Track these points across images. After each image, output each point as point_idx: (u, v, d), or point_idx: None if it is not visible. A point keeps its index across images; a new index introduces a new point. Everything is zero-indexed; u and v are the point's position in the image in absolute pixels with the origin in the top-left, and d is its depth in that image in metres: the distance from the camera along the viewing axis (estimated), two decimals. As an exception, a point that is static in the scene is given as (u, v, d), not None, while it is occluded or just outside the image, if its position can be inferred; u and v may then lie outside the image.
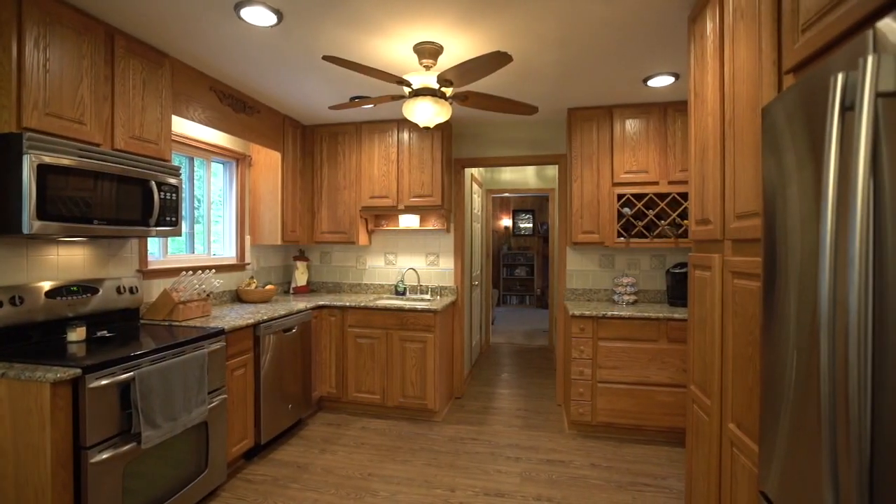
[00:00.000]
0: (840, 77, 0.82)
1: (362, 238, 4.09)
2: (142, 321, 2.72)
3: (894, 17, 0.76)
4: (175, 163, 3.10)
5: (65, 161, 1.92)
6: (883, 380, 0.76)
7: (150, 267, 2.86)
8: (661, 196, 3.42)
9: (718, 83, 1.69)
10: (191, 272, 2.99)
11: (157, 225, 2.38)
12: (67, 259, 2.34)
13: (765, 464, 1.19)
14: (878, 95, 0.76)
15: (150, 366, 2.00)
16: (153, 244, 3.00)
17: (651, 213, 3.40)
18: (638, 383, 3.17)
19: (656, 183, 3.40)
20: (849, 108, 0.82)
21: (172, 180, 2.48)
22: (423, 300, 3.99)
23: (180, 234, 2.56)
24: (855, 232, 0.76)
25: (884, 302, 0.76)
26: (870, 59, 0.75)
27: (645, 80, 2.98)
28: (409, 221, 4.14)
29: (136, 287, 2.61)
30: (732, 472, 1.56)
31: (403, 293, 4.15)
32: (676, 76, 2.90)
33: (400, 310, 3.57)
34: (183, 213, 3.17)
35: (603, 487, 2.62)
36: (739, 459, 1.50)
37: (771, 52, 1.29)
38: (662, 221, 3.39)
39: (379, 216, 4.29)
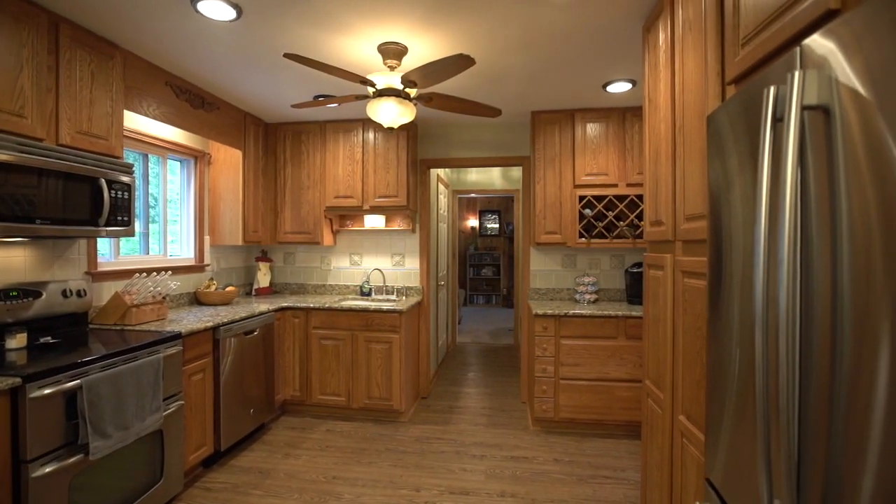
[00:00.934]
0: (772, 90, 0.88)
1: (327, 238, 4.04)
2: (91, 326, 2.59)
3: (823, 33, 0.82)
4: (128, 160, 2.97)
5: (2, 156, 1.81)
6: (808, 373, 0.82)
7: (101, 269, 2.73)
8: (620, 198, 3.54)
9: (670, 91, 1.77)
10: (145, 274, 2.87)
11: (107, 225, 2.27)
12: (6, 261, 2.20)
13: (710, 453, 1.26)
14: (804, 108, 0.82)
15: (99, 373, 1.91)
16: (104, 245, 2.86)
17: (611, 214, 3.51)
18: (598, 379, 3.27)
19: (615, 185, 3.51)
20: (779, 119, 0.88)
21: (124, 178, 2.37)
22: (388, 301, 3.97)
23: (133, 235, 2.46)
24: (784, 233, 0.82)
25: (810, 299, 0.82)
26: (796, 75, 0.81)
27: (604, 86, 3.07)
28: (374, 222, 4.11)
29: (85, 290, 2.49)
30: (683, 462, 1.63)
31: (369, 294, 4.13)
32: (634, 83, 3.01)
33: (365, 310, 3.54)
34: (136, 212, 3.04)
35: (565, 481, 2.69)
36: (689, 449, 1.58)
37: (715, 63, 1.37)
38: (621, 222, 3.51)
39: (344, 216, 4.24)
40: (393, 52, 2.46)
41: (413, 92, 2.47)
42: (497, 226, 10.07)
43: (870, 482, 0.68)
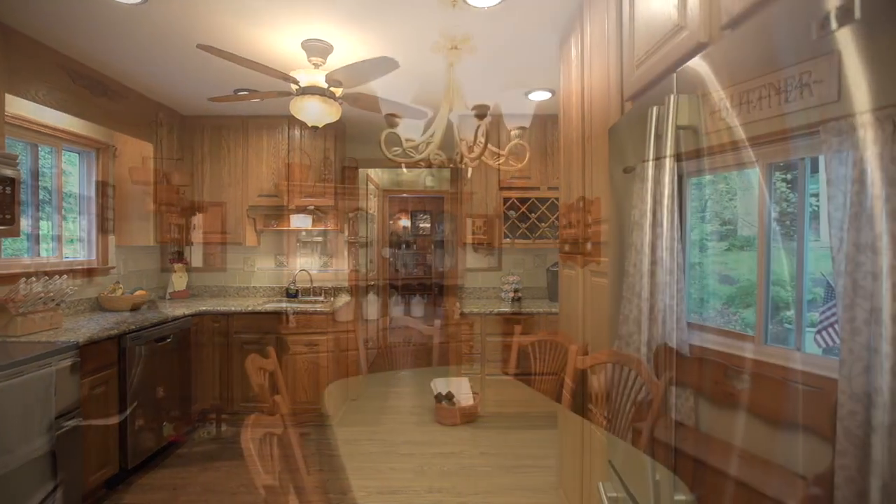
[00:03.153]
0: (654, 111, 0.99)
1: (250, 238, 3.86)
2: (-35, 338, 2.28)
3: (702, 56, 0.91)
4: (14, 150, 2.65)
5: None
6: (683, 358, 0.93)
7: (-22, 273, 2.42)
8: (542, 200, 3.73)
9: (580, 103, 1.90)
10: (34, 278, 2.58)
11: (-15, 223, 2.02)
12: None
13: (612, 438, 1.38)
14: (679, 128, 0.93)
15: (-25, 390, 1.70)
16: (-19, 246, 2.53)
17: (533, 216, 3.69)
18: (521, 373, 3.42)
19: (538, 188, 3.69)
20: (660, 135, 0.99)
21: (7, 171, 2.12)
22: (316, 302, 3.88)
23: (17, 235, 2.21)
24: (663, 235, 0.92)
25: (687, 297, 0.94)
26: (672, 99, 0.92)
27: (527, 94, 3.23)
28: (300, 222, 3.99)
29: (-43, 297, 2.19)
30: (591, 447, 1.77)
31: (296, 296, 4.00)
32: (553, 92, 3.19)
33: (291, 313, 3.44)
34: (23, 208, 2.72)
35: (490, 473, 2.79)
36: (596, 435, 1.71)
37: (616, 81, 1.50)
38: (543, 224, 3.70)
39: (268, 216, 4.07)
40: (318, 49, 2.41)
41: (339, 91, 2.44)
42: (429, 225, 10.14)
43: (735, 459, 0.79)
